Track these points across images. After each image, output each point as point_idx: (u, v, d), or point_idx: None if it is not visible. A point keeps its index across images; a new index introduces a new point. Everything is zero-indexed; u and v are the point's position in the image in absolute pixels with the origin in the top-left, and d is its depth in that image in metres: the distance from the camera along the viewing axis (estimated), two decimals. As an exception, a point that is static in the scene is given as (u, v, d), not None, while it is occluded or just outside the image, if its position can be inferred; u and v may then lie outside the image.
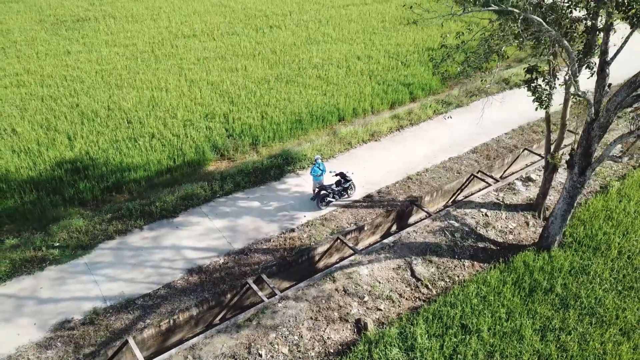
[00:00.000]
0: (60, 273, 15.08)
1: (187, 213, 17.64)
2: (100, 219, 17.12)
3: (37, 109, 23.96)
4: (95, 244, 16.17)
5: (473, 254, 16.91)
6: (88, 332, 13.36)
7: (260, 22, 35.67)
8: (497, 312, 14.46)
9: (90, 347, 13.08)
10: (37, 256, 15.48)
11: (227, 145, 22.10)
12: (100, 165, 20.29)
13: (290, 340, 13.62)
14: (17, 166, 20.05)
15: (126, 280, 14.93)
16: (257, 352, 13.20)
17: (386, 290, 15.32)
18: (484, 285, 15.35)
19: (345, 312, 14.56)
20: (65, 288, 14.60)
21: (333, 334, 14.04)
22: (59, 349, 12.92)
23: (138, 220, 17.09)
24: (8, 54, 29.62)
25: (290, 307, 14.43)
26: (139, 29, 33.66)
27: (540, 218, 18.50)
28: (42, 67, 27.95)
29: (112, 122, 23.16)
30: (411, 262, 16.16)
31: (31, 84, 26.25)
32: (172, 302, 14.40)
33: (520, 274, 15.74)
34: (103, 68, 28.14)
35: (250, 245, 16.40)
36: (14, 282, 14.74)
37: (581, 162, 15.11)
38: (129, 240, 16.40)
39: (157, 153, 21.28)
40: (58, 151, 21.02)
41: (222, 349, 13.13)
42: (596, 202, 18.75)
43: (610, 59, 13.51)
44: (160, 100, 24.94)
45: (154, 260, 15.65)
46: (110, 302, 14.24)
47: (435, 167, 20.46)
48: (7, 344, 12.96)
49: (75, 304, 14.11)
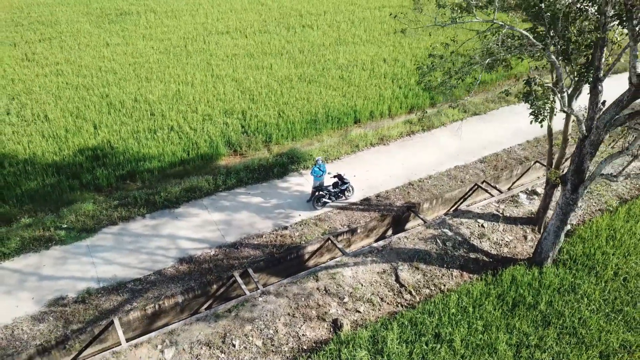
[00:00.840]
0: (63, 253, 16.21)
1: (189, 205, 18.46)
2: (108, 205, 18.19)
3: (69, 97, 25.48)
4: (99, 228, 17.24)
5: (463, 264, 16.89)
6: (79, 310, 14.37)
7: (294, 21, 36.26)
8: (474, 323, 14.47)
9: (78, 323, 14.07)
10: (45, 236, 16.68)
11: (240, 141, 22.85)
12: (119, 154, 21.46)
13: (265, 334, 14.15)
14: (44, 150, 21.49)
15: (121, 264, 15.89)
16: (232, 342, 13.80)
17: (368, 293, 15.59)
18: (466, 295, 15.36)
19: (324, 311, 14.95)
20: (65, 267, 15.70)
21: (309, 331, 14.47)
22: (50, 323, 13.98)
23: (142, 209, 18.05)
24: (53, 44, 31.51)
25: (270, 301, 14.96)
26: (176, 24, 34.97)
27: (540, 233, 18.21)
28: (81, 58, 29.60)
29: (137, 113, 24.35)
30: (397, 267, 16.34)
31: (68, 73, 27.88)
32: (159, 288, 15.23)
33: (505, 288, 15.64)
34: (136, 61, 29.50)
35: (242, 240, 17.03)
36: (21, 258, 15.98)
37: (574, 179, 14.86)
38: (131, 227, 17.38)
39: (174, 145, 22.26)
40: (82, 138, 22.35)
41: (198, 336, 13.82)
42: (601, 221, 18.27)
43: (602, 75, 13.22)
44: (185, 94, 25.96)
45: (149, 247, 16.55)
46: (103, 284, 15.22)
47: (439, 174, 20.44)
48: (6, 314, 14.14)
49: (72, 283, 15.17)
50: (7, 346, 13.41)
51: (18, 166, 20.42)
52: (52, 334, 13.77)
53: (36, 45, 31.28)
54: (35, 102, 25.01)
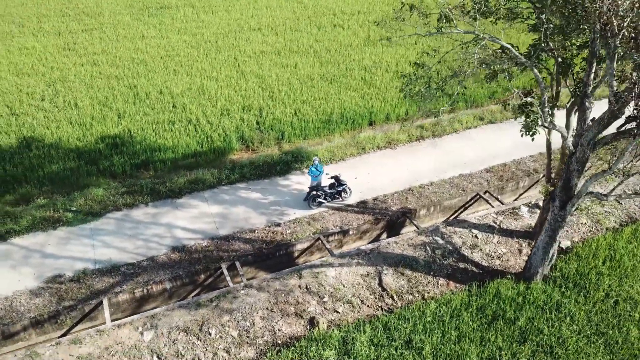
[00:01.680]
0: (68, 234, 17.34)
1: (190, 196, 19.26)
2: (116, 192, 19.24)
3: (100, 87, 26.89)
4: (104, 212, 18.30)
5: (451, 274, 16.86)
6: (72, 289, 15.41)
7: (326, 20, 36.59)
8: (449, 333, 14.51)
9: (71, 301, 15.11)
10: (54, 216, 17.87)
11: (253, 137, 23.51)
12: (136, 143, 22.56)
13: (242, 325, 14.71)
14: (69, 136, 22.88)
15: (118, 248, 16.85)
16: (208, 331, 14.45)
17: (348, 294, 15.87)
18: (446, 305, 15.38)
19: (302, 308, 15.36)
20: (68, 247, 16.81)
21: (285, 326, 14.93)
22: (46, 299, 15.07)
23: (146, 197, 19.00)
24: (93, 35, 33.21)
25: (252, 295, 15.51)
26: (211, 20, 36.04)
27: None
28: (117, 49, 31.09)
29: (159, 105, 25.44)
30: (382, 271, 16.52)
31: (103, 63, 29.38)
32: (150, 274, 16.08)
33: (487, 300, 15.55)
34: (168, 54, 30.69)
35: (235, 233, 17.65)
36: (30, 236, 17.22)
37: (562, 195, 14.59)
38: (133, 214, 18.34)
39: (189, 138, 23.16)
40: (106, 126, 23.61)
41: (177, 322, 14.55)
42: (602, 240, 17.76)
43: (590, 92, 12.93)
44: (208, 88, 26.85)
45: (147, 234, 17.44)
46: (99, 265, 16.21)
47: (441, 181, 20.37)
48: (8, 287, 15.35)
49: (70, 263, 16.24)
50: (4, 316, 14.58)
51: (43, 149, 21.86)
52: (46, 309, 14.86)
53: (78, 35, 33.06)
54: (69, 89, 26.55)
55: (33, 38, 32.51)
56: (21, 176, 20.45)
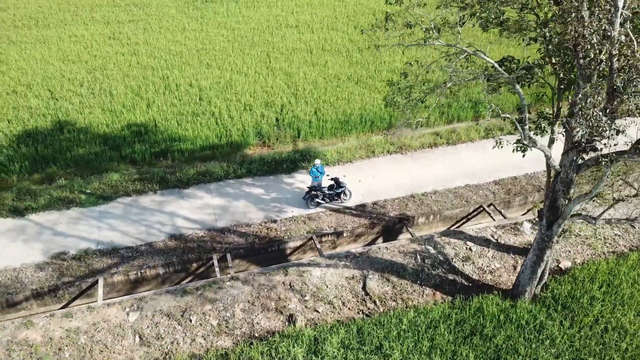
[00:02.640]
0: (79, 214, 18.58)
1: (197, 187, 20.09)
2: (129, 178, 20.35)
3: (136, 76, 28.28)
4: (115, 197, 19.43)
5: (438, 284, 16.83)
6: (73, 266, 16.58)
7: (365, 19, 36.58)
8: (421, 343, 14.56)
9: (70, 277, 16.27)
10: (69, 197, 19.17)
11: (270, 134, 24.09)
12: (159, 133, 23.67)
13: (222, 315, 15.36)
14: (99, 122, 24.30)
15: (121, 231, 17.90)
16: (189, 317, 15.20)
17: (331, 295, 16.19)
18: (425, 315, 15.40)
19: (283, 304, 15.83)
20: (76, 227, 18.03)
21: (264, 320, 15.47)
22: (48, 273, 16.31)
23: (155, 185, 19.99)
24: (138, 25, 34.82)
25: (236, 287, 16.12)
26: (251, 15, 36.88)
27: (531, 265, 17.51)
28: (157, 40, 32.49)
29: (187, 97, 26.49)
30: (367, 275, 16.70)
31: (142, 54, 30.82)
32: (146, 258, 17.03)
33: (469, 315, 15.44)
34: (204, 47, 31.77)
35: (232, 226, 18.31)
36: (45, 213, 18.58)
37: (549, 215, 14.28)
38: (141, 200, 19.38)
39: (209, 130, 24.02)
40: (134, 115, 24.89)
41: (162, 306, 15.38)
42: (603, 264, 17.15)
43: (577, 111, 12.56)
44: (235, 83, 27.63)
45: (150, 221, 18.41)
46: (101, 247, 17.32)
47: (446, 190, 20.20)
48: (17, 260, 16.71)
49: (76, 242, 17.44)
50: (10, 286, 15.92)
51: (74, 133, 23.36)
52: (47, 282, 16.08)
53: (124, 25, 34.76)
54: (106, 77, 28.08)
55: (83, 27, 34.48)
56: (50, 157, 21.97)
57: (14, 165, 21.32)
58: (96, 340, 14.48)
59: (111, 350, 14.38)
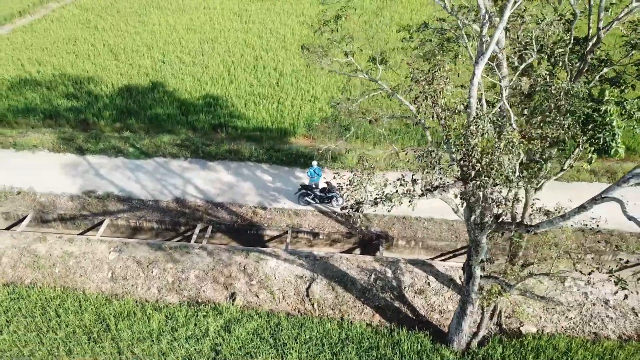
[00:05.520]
0: (120, 164, 22.34)
1: (220, 162, 22.51)
2: (173, 142, 23.57)
3: (234, 52, 31.55)
4: (153, 155, 22.81)
5: (381, 307, 17.02)
6: (93, 203, 20.29)
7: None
8: (323, 355, 15.24)
9: (87, 212, 20.02)
10: (121, 148, 23.05)
11: (317, 128, 25.44)
12: (225, 107, 26.56)
13: (178, 276, 17.73)
14: (185, 88, 28.04)
15: (141, 185, 21.18)
16: (151, 270, 17.86)
17: (275, 286, 17.50)
18: (343, 330, 15.90)
19: (230, 282, 17.62)
20: (112, 173, 21.79)
21: (209, 291, 17.48)
22: (74, 205, 20.27)
23: (188, 152, 22.89)
24: (263, 5, 38.01)
25: (201, 256, 18.31)
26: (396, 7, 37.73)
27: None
28: (272, 22, 35.35)
29: (265, 79, 28.96)
30: (315, 279, 17.58)
31: (252, 33, 33.99)
32: (148, 212, 20.05)
33: (385, 344, 15.56)
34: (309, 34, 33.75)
35: (226, 203, 20.40)
36: (97, 157, 22.74)
37: (467, 271, 13.73)
38: (170, 163, 22.46)
39: (267, 114, 26.21)
40: (214, 87, 28.15)
41: (137, 253, 18.27)
42: (563, 341, 15.60)
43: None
44: (320, 73, 28.93)
45: (167, 182, 21.38)
46: (121, 193, 20.79)
47: (442, 220, 19.65)
48: (59, 188, 20.97)
49: (105, 185, 21.17)
50: (47, 207, 20.22)
51: (161, 94, 27.41)
52: (72, 211, 20.05)
53: (254, 3, 38.22)
54: (211, 50, 31.86)
55: (219, 0, 38.85)
56: (134, 111, 26.23)
57: (104, 112, 26.00)
58: (80, 266, 17.93)
59: (88, 277, 17.70)
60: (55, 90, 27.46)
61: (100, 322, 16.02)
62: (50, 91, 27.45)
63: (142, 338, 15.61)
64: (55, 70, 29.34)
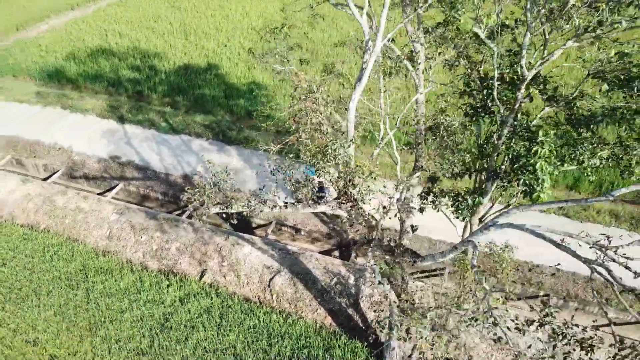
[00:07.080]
0: (150, 136, 24.37)
1: (236, 148, 23.68)
2: (201, 123, 25.17)
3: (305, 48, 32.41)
4: (181, 132, 24.58)
5: (334, 311, 17.23)
6: (113, 168, 22.48)
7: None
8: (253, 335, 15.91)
9: (107, 174, 22.24)
10: (155, 121, 25.12)
11: (344, 127, 25.73)
12: (264, 95, 27.71)
13: (162, 246, 19.25)
14: (236, 74, 29.57)
15: (160, 157, 23.01)
16: (141, 235, 19.55)
17: (242, 271, 18.37)
18: (287, 325, 16.41)
19: (204, 259, 18.79)
20: (141, 143, 23.87)
21: (185, 264, 18.80)
22: (100, 166, 22.62)
23: (210, 134, 24.34)
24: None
25: (186, 230, 19.67)
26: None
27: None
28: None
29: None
30: (280, 271, 18.18)
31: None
32: (157, 183, 21.82)
33: (318, 346, 15.80)
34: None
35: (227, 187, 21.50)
36: (133, 126, 24.97)
37: (392, 289, 13.57)
38: (193, 142, 24.06)
39: (302, 107, 26.96)
40: (260, 76, 29.33)
41: (133, 219, 20.07)
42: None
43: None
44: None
45: (183, 158, 23.00)
46: (139, 162, 22.77)
47: (438, 241, 19.21)
48: (92, 151, 23.46)
49: (130, 153, 23.28)
50: (77, 165, 22.78)
51: (212, 76, 29.23)
52: (96, 172, 22.41)
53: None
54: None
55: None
56: (184, 89, 28.27)
57: (159, 87, 28.35)
58: (86, 221, 20.12)
59: (90, 232, 19.85)
60: (125, 62, 30.34)
61: (82, 272, 17.97)
62: (121, 62, 30.38)
63: (110, 293, 17.29)
64: (131, 43, 32.32)
